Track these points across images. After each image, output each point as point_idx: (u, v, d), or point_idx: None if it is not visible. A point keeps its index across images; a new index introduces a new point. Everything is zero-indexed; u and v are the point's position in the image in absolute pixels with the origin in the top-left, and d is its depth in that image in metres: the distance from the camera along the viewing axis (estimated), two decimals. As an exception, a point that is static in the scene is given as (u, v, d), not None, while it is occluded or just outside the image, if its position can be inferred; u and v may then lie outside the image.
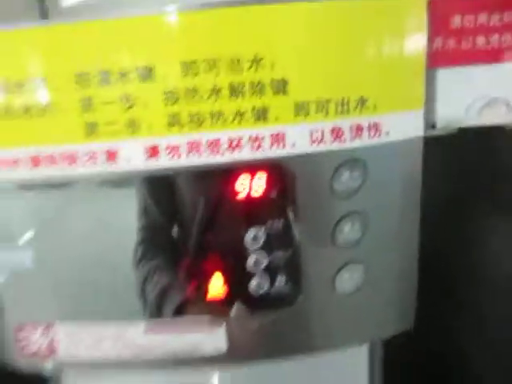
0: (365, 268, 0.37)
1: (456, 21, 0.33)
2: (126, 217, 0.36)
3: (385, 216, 0.36)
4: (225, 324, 0.37)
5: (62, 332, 0.38)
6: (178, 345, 0.37)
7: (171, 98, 0.31)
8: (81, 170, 0.32)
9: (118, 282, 0.38)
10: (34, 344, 0.39)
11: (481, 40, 0.34)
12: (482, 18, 0.33)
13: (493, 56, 0.34)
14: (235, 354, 0.38)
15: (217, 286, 0.36)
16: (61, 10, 0.31)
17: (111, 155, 0.32)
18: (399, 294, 0.39)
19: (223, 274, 0.36)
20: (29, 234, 0.36)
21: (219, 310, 0.36)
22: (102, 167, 0.32)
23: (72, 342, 0.38)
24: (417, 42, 0.33)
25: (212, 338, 0.37)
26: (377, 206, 0.35)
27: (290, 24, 0.30)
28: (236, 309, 0.36)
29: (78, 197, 0.36)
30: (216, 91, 0.31)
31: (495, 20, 0.33)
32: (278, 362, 0.40)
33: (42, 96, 0.31)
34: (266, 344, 0.38)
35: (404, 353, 0.46)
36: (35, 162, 0.32)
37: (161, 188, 0.35)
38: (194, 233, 0.35)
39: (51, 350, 0.39)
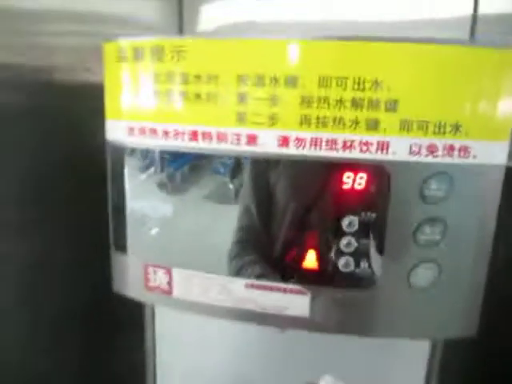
0: (439, 268, 0.43)
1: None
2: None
3: (463, 225, 0.43)
4: (310, 293, 0.45)
5: (178, 275, 0.48)
6: (270, 302, 0.46)
7: (306, 102, 0.40)
8: (228, 147, 0.43)
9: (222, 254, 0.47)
10: (156, 281, 0.49)
11: None
12: None
13: None
14: (313, 322, 0.46)
15: (311, 260, 0.44)
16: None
17: (252, 139, 0.42)
18: (467, 298, 0.45)
19: (317, 250, 0.44)
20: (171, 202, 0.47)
21: (309, 280, 0.45)
22: (244, 148, 0.42)
23: (185, 285, 0.48)
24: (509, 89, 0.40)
25: (297, 303, 0.45)
26: (457, 215, 0.42)
27: (405, 59, 0.39)
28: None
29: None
30: (341, 102, 0.40)
31: None
32: (347, 337, 0.47)
33: (212, 88, 0.42)
34: (340, 318, 0.46)
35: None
36: (194, 135, 0.43)
37: (263, 187, 0.44)
38: (295, 217, 0.44)
39: (169, 288, 0.49)
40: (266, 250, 0.46)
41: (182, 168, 0.47)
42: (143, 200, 0.49)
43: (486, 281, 0.45)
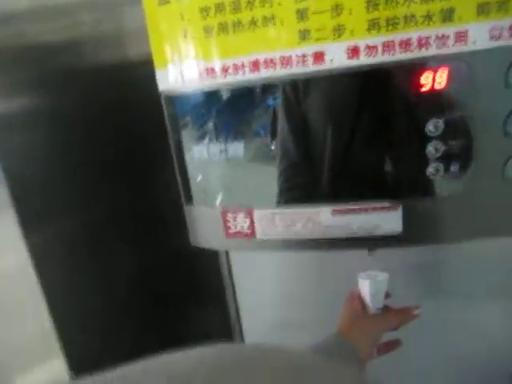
0: (532, 157, 0.43)
1: None
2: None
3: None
4: (401, 207, 0.45)
5: (260, 215, 0.49)
6: (359, 225, 0.47)
7: (372, 4, 0.39)
8: (294, 70, 0.42)
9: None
10: (237, 226, 0.50)
11: None
12: None
13: None
14: (406, 236, 0.47)
15: (398, 173, 0.45)
16: None
17: (318, 57, 0.41)
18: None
19: (403, 162, 0.44)
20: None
21: (399, 194, 0.45)
22: (311, 68, 0.42)
23: (268, 224, 0.49)
24: None
25: (389, 219, 0.46)
26: (547, 98, 0.41)
27: None
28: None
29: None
30: (410, -3, 0.39)
31: None
32: (443, 248, 0.48)
33: (267, 10, 0.41)
34: (434, 228, 0.47)
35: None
36: (255, 65, 0.43)
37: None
38: (377, 122, 0.44)
39: (251, 230, 0.50)
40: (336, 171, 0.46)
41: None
42: (204, 148, 0.49)
43: None
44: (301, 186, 0.48)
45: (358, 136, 0.45)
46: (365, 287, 0.55)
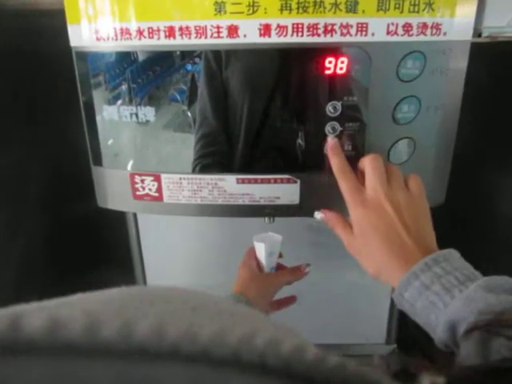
0: (414, 143, 0.49)
1: None
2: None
3: (435, 101, 0.48)
4: (299, 181, 0.50)
5: (167, 180, 0.51)
6: (262, 195, 0.51)
7: (286, -14, 0.42)
8: (208, 41, 0.44)
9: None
10: (145, 188, 0.52)
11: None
12: None
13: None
14: (303, 207, 0.51)
15: (298, 148, 0.49)
16: None
17: (233, 30, 0.44)
18: (437, 171, 0.52)
19: (303, 138, 0.48)
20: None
21: (297, 168, 0.49)
22: (225, 40, 0.44)
23: (175, 188, 0.51)
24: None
25: (288, 191, 0.50)
26: (430, 92, 0.47)
27: None
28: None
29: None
30: (320, -16, 0.42)
31: None
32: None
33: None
34: (327, 201, 0.52)
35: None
36: (171, 32, 0.44)
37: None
38: (285, 99, 0.47)
39: (159, 194, 0.52)
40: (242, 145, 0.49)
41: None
42: (115, 110, 0.50)
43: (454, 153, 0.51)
44: (215, 153, 0.50)
45: (269, 111, 0.48)
46: (260, 249, 0.60)
